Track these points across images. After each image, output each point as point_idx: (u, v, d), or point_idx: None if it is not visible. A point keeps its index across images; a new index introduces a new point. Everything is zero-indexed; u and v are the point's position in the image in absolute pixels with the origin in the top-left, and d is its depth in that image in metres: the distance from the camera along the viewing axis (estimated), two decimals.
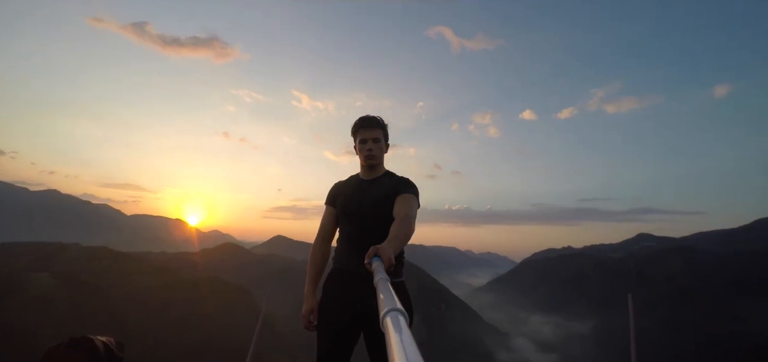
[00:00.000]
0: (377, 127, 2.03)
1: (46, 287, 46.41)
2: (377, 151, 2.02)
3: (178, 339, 47.71)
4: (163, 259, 76.51)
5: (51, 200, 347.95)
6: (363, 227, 1.98)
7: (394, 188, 1.96)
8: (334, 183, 2.24)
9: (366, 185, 2.06)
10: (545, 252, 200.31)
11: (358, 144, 2.04)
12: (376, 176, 2.07)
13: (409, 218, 1.70)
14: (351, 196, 2.06)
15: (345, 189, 2.13)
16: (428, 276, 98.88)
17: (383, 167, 2.12)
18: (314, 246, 2.18)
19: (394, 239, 1.47)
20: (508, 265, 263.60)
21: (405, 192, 1.91)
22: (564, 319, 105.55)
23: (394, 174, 2.10)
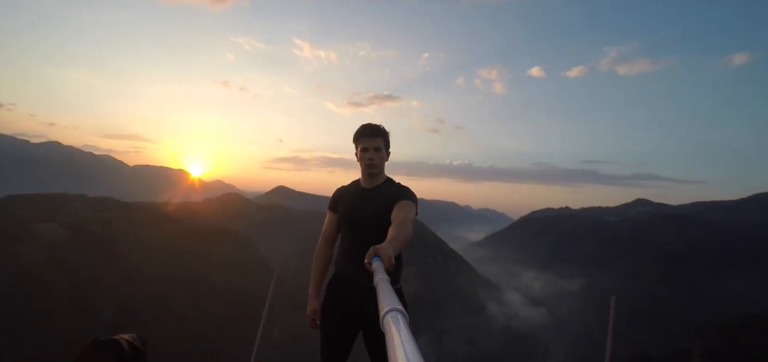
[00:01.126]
0: (378, 136, 2.09)
1: (55, 236, 48.08)
2: (378, 160, 2.09)
3: (184, 287, 49.82)
4: (167, 209, 78.07)
5: (53, 152, 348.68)
6: (363, 235, 2.05)
7: (393, 196, 2.04)
8: (337, 188, 2.34)
9: (366, 194, 2.14)
10: (543, 211, 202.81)
11: (360, 153, 2.11)
12: (377, 184, 2.15)
13: (408, 221, 1.76)
14: (352, 204, 2.15)
15: (346, 196, 2.21)
16: (426, 229, 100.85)
17: (384, 174, 2.19)
18: (318, 250, 2.29)
19: (393, 240, 1.50)
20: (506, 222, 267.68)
21: (404, 199, 2.00)
22: (555, 276, 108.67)
23: (394, 182, 2.19)
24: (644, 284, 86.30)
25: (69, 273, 43.16)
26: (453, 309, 75.25)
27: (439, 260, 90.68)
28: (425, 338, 64.38)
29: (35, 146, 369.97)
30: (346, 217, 2.16)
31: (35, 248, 44.93)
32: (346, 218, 2.16)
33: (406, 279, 28.07)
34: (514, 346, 68.65)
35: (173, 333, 41.77)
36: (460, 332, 69.68)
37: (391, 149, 2.19)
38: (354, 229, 2.13)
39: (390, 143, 2.18)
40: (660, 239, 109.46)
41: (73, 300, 40.46)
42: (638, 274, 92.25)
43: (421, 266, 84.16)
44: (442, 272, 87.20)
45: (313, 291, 2.26)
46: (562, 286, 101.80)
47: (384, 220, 1.91)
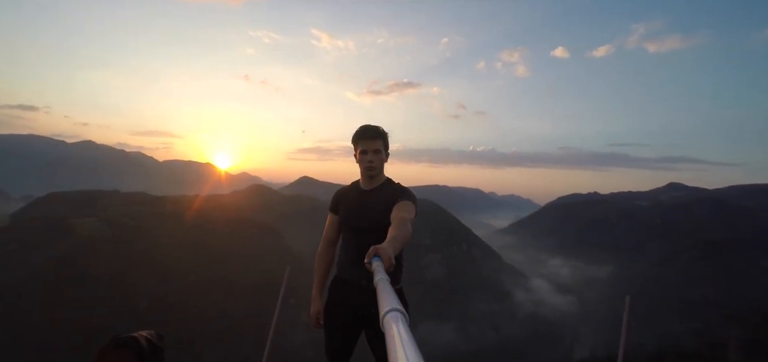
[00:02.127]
0: (378, 138, 2.09)
1: (94, 230, 50.41)
2: (377, 162, 2.09)
3: (213, 276, 51.43)
4: (196, 202, 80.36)
5: (87, 150, 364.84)
6: (363, 236, 2.05)
7: (393, 197, 2.05)
8: (337, 190, 2.36)
9: (366, 196, 2.14)
10: (570, 197, 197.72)
11: (359, 155, 2.11)
12: (376, 185, 2.16)
13: (408, 222, 1.77)
14: (352, 206, 2.16)
15: (346, 198, 2.22)
16: (450, 216, 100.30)
17: (383, 175, 2.20)
18: (319, 251, 2.32)
19: (393, 240, 1.49)
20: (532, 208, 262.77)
21: (403, 199, 2.02)
22: (583, 263, 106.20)
23: (393, 182, 2.20)
24: (677, 271, 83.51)
25: (106, 265, 45.26)
26: (478, 297, 74.92)
27: (464, 247, 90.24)
28: (450, 325, 64.46)
29: (71, 146, 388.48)
30: (346, 218, 2.17)
31: (75, 242, 47.30)
32: (346, 219, 2.17)
33: (430, 266, 28.16)
34: (541, 334, 67.90)
35: (203, 320, 43.31)
36: (486, 319, 69.40)
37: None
38: (354, 230, 2.14)
39: (389, 145, 2.17)
40: (694, 224, 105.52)
41: (111, 291, 42.49)
42: (671, 261, 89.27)
43: (446, 254, 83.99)
44: (467, 259, 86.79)
45: (316, 292, 2.29)
46: (591, 273, 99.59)
47: (384, 221, 1.90)
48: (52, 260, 43.21)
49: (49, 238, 46.95)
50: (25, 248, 45.37)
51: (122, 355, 1.77)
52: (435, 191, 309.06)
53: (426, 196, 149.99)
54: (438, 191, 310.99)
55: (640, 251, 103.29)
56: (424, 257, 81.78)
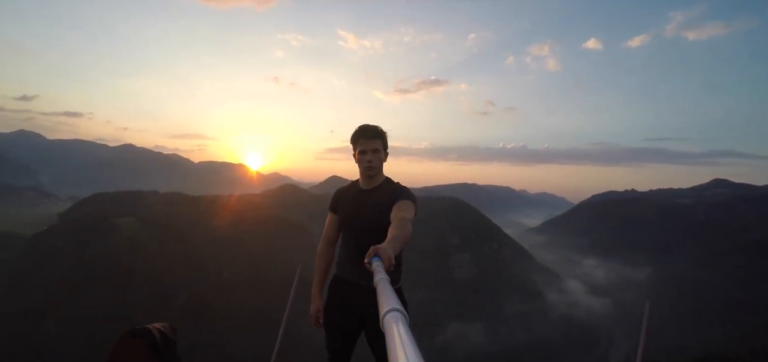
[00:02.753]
0: (377, 137, 2.09)
1: (134, 229, 52.78)
2: (376, 162, 2.10)
3: (246, 273, 52.84)
4: (230, 201, 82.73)
5: (128, 153, 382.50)
6: (363, 236, 2.05)
7: (392, 197, 2.04)
8: (337, 190, 2.38)
9: (365, 196, 2.15)
10: (605, 195, 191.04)
11: (358, 154, 2.11)
12: (375, 185, 2.16)
13: (407, 221, 1.76)
14: (351, 205, 2.17)
15: (346, 198, 2.23)
16: (480, 215, 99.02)
17: (382, 175, 2.20)
18: (319, 250, 2.32)
19: (393, 240, 1.49)
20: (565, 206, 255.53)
21: (403, 199, 2.01)
22: (619, 264, 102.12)
23: (393, 182, 2.20)
24: (720, 273, 79.22)
25: (146, 262, 47.30)
26: (509, 297, 73.61)
27: (494, 246, 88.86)
28: (480, 326, 63.59)
29: (112, 149, 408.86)
30: (346, 218, 2.18)
31: (117, 240, 49.68)
32: (346, 219, 2.18)
33: (460, 266, 27.94)
34: (574, 336, 65.94)
35: (236, 315, 44.58)
36: (517, 320, 68.08)
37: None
38: (353, 230, 2.15)
39: (388, 144, 2.17)
40: (740, 223, 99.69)
41: (151, 286, 44.37)
42: (714, 263, 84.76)
43: (476, 253, 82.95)
44: (497, 258, 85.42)
45: (315, 291, 2.30)
46: (628, 274, 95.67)
47: (383, 221, 1.90)
48: (96, 257, 45.60)
49: (94, 236, 49.56)
50: (72, 246, 48.09)
51: (136, 345, 1.89)
52: (464, 189, 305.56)
53: (454, 194, 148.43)
54: (467, 190, 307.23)
55: (681, 252, 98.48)
56: (454, 256, 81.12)
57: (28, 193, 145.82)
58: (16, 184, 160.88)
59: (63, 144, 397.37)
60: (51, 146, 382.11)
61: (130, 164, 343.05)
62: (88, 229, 51.51)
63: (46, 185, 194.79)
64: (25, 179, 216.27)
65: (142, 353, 1.90)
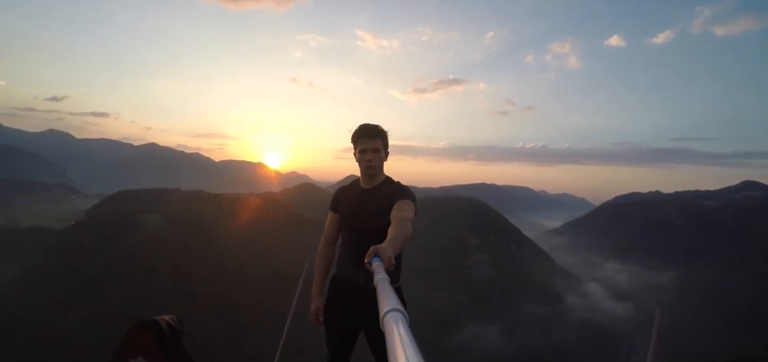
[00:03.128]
0: (377, 137, 2.09)
1: (158, 226, 54.12)
2: (377, 161, 2.10)
3: (265, 270, 53.56)
4: (249, 199, 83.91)
5: (151, 152, 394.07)
6: (363, 235, 2.06)
7: (392, 196, 2.04)
8: (337, 189, 2.39)
9: (365, 195, 2.16)
10: (628, 196, 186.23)
11: (358, 153, 2.12)
12: (376, 184, 2.17)
13: (407, 221, 1.77)
14: (351, 204, 2.18)
15: (346, 197, 2.25)
16: (498, 215, 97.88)
17: (383, 174, 2.20)
18: (319, 249, 2.35)
19: (393, 240, 1.50)
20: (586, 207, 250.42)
21: (403, 198, 2.01)
22: (642, 268, 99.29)
23: (393, 181, 2.19)
24: (749, 279, 76.36)
25: (169, 258, 48.45)
26: (527, 299, 72.58)
27: (513, 248, 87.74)
28: (497, 328, 62.89)
29: (137, 148, 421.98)
30: (346, 217, 2.19)
31: (141, 236, 51.04)
32: (346, 218, 2.19)
33: (477, 267, 27.84)
34: (594, 341, 64.52)
35: (256, 311, 45.23)
36: (535, 323, 67.04)
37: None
38: (353, 229, 2.15)
39: (388, 144, 2.16)
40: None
41: (173, 281, 45.44)
42: (742, 267, 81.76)
43: (494, 254, 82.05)
44: (516, 260, 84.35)
45: (315, 289, 2.32)
46: (651, 279, 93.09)
47: (383, 220, 1.90)
48: (121, 253, 46.94)
49: (119, 232, 51.04)
50: (99, 241, 49.63)
51: (144, 335, 2.00)
52: (482, 189, 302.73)
53: (472, 194, 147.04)
54: (485, 190, 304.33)
55: (708, 257, 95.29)
56: (472, 257, 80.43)
57: (57, 190, 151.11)
58: (46, 181, 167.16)
59: (90, 143, 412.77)
60: (79, 145, 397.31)
61: (154, 163, 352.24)
62: (114, 225, 53.09)
63: (74, 183, 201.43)
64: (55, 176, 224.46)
65: (150, 343, 1.99)
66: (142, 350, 1.98)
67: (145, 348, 1.99)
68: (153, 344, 2.00)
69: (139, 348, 1.99)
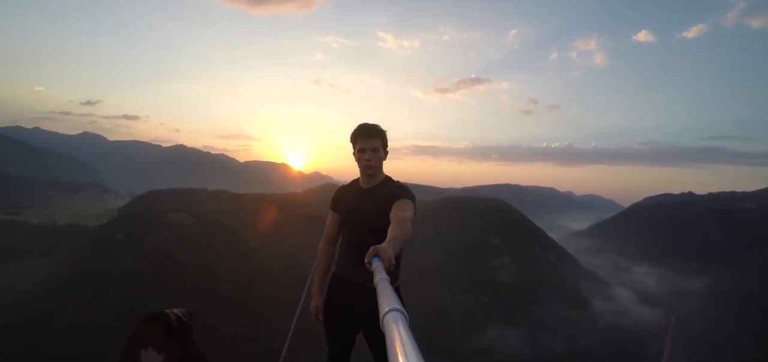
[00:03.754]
0: (376, 136, 2.10)
1: (185, 224, 55.63)
2: (375, 161, 2.11)
3: (288, 268, 54.33)
4: (273, 199, 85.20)
5: (179, 153, 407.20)
6: (362, 235, 2.07)
7: (392, 196, 2.04)
8: (338, 188, 2.42)
9: (365, 195, 2.16)
10: (659, 197, 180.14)
11: (357, 153, 2.12)
12: (375, 184, 2.18)
13: (407, 220, 1.76)
14: (351, 204, 2.19)
15: (346, 196, 2.26)
16: (522, 216, 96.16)
17: (382, 173, 2.21)
18: (320, 248, 2.38)
19: (393, 240, 1.49)
20: (614, 209, 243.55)
21: (402, 198, 2.01)
22: (673, 272, 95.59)
23: (392, 181, 2.20)
24: None
25: (196, 255, 49.74)
26: (551, 303, 71.13)
27: (537, 250, 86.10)
28: (519, 331, 61.89)
29: (165, 150, 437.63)
30: (346, 217, 2.20)
31: (170, 234, 52.52)
32: (346, 217, 2.20)
33: (500, 269, 27.69)
34: (621, 348, 62.58)
35: (278, 308, 45.93)
36: (559, 327, 65.62)
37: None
38: (353, 229, 2.15)
39: (387, 143, 2.16)
40: None
41: (200, 278, 46.65)
42: None
43: (517, 256, 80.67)
44: (540, 262, 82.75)
45: (316, 288, 2.35)
46: (682, 284, 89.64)
47: (382, 219, 1.90)
48: (150, 250, 48.47)
49: (149, 230, 52.70)
50: (130, 239, 51.39)
51: (154, 327, 2.09)
52: (505, 190, 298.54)
53: (496, 195, 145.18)
54: (509, 190, 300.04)
55: (743, 261, 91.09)
56: (494, 258, 79.32)
57: (91, 189, 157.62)
58: (81, 181, 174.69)
59: (122, 145, 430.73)
60: (111, 146, 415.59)
61: (182, 164, 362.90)
62: (144, 223, 54.86)
63: (107, 182, 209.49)
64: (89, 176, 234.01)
65: (159, 335, 2.09)
66: (152, 342, 2.09)
67: (155, 340, 2.09)
68: (163, 336, 2.10)
69: (150, 339, 2.10)
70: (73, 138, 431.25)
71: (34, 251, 70.21)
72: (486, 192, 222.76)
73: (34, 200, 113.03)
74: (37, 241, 74.79)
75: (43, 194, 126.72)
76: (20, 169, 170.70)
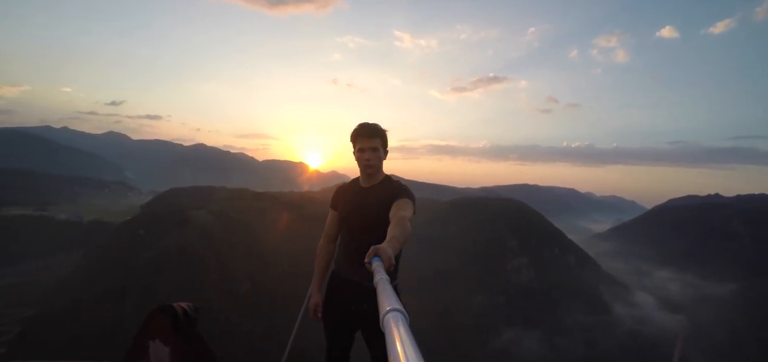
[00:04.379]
0: (375, 136, 2.10)
1: (205, 221, 56.72)
2: (375, 160, 2.11)
3: (304, 266, 54.85)
4: (290, 198, 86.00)
5: (200, 152, 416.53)
6: (361, 234, 2.09)
7: (391, 195, 2.05)
8: (338, 186, 2.42)
9: (364, 193, 2.17)
10: (684, 199, 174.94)
11: (357, 152, 2.12)
12: (375, 183, 2.18)
13: (406, 220, 1.77)
14: (350, 203, 2.20)
15: (346, 195, 2.27)
16: (541, 217, 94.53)
17: (382, 173, 2.22)
18: (319, 246, 2.38)
19: (393, 240, 1.49)
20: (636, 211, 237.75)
21: (402, 197, 2.02)
22: (698, 278, 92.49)
23: (392, 180, 2.21)
24: None
25: (215, 252, 50.68)
26: (570, 306, 69.86)
27: (556, 252, 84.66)
28: (536, 334, 60.99)
29: (187, 148, 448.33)
30: (345, 215, 2.21)
31: (191, 230, 53.63)
32: (345, 216, 2.21)
33: (517, 271, 27.50)
34: (642, 355, 60.97)
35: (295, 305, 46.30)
36: (578, 332, 64.41)
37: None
38: (352, 227, 2.16)
39: (387, 142, 2.18)
40: None
41: (219, 274, 47.51)
42: None
43: (535, 258, 79.49)
44: (559, 265, 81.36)
45: (315, 285, 2.36)
46: (707, 290, 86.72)
47: (382, 218, 1.91)
48: (172, 246, 49.59)
49: (171, 227, 53.92)
50: (152, 235, 52.68)
51: (161, 319, 2.22)
52: (524, 190, 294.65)
53: (514, 195, 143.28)
54: (527, 191, 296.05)
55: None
56: (511, 260, 78.34)
57: (116, 187, 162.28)
58: (107, 179, 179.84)
59: (145, 144, 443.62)
60: (135, 145, 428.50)
61: (202, 162, 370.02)
62: (166, 220, 56.19)
63: (130, 180, 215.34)
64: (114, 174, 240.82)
65: (166, 327, 2.21)
66: (159, 333, 2.20)
67: (162, 332, 2.21)
68: (169, 328, 2.21)
69: (157, 331, 2.21)
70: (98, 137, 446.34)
71: (63, 246, 72.88)
72: (504, 192, 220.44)
73: (62, 197, 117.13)
74: (65, 236, 77.58)
75: (71, 191, 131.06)
76: (49, 167, 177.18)
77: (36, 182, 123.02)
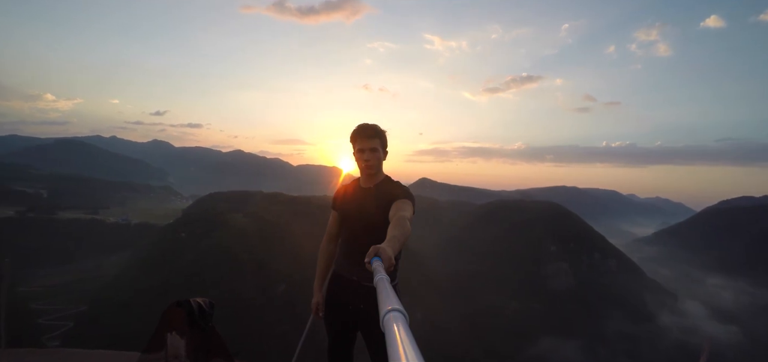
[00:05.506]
0: (374, 136, 2.11)
1: (242, 224, 58.59)
2: (374, 160, 2.12)
3: None
4: (324, 201, 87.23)
5: (237, 158, 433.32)
6: (361, 233, 2.10)
7: (391, 195, 2.06)
8: (338, 186, 2.44)
9: (364, 193, 2.19)
10: (736, 200, 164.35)
11: (356, 153, 2.13)
12: (375, 183, 2.19)
13: (406, 220, 1.77)
14: (350, 204, 2.21)
15: (346, 195, 2.27)
16: (580, 221, 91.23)
17: (382, 173, 2.23)
18: (321, 246, 2.42)
19: (393, 240, 1.50)
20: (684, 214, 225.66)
21: (401, 198, 2.03)
22: (752, 286, 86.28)
23: (392, 181, 2.22)
24: None
25: (252, 253, 52.21)
26: (612, 314, 66.98)
27: (597, 257, 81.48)
28: (576, 343, 58.79)
29: (225, 155, 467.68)
30: (345, 216, 2.22)
31: (229, 233, 55.53)
32: (345, 216, 2.22)
33: (556, 276, 26.87)
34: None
35: None
36: (621, 341, 61.59)
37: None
38: (352, 227, 2.17)
39: (387, 143, 2.19)
40: None
41: (256, 275, 48.89)
42: None
43: (575, 263, 76.86)
44: (600, 271, 78.27)
45: (316, 285, 2.39)
46: (763, 299, 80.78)
47: (381, 219, 1.94)
48: (211, 247, 51.53)
49: (210, 229, 56.09)
50: (193, 237, 54.97)
51: (178, 313, 2.37)
52: (561, 192, 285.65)
53: (551, 198, 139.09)
54: (565, 193, 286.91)
55: None
56: (550, 265, 76.03)
57: (160, 192, 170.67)
58: (152, 184, 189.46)
59: (186, 151, 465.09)
60: (177, 152, 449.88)
61: (240, 168, 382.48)
62: (206, 223, 58.53)
63: (173, 185, 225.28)
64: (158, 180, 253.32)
65: (182, 320, 2.36)
66: (176, 326, 2.37)
67: (179, 325, 2.37)
68: (185, 322, 2.36)
69: (174, 324, 2.38)
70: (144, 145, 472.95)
71: (113, 246, 77.38)
72: (541, 195, 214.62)
73: (111, 201, 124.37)
74: (115, 238, 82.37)
75: (120, 196, 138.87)
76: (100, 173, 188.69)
77: (88, 188, 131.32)
